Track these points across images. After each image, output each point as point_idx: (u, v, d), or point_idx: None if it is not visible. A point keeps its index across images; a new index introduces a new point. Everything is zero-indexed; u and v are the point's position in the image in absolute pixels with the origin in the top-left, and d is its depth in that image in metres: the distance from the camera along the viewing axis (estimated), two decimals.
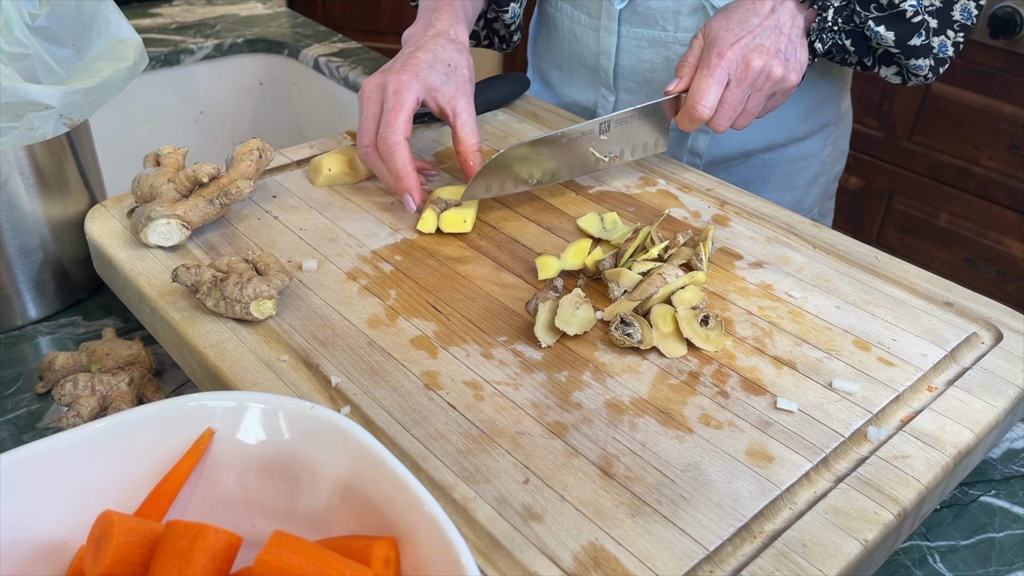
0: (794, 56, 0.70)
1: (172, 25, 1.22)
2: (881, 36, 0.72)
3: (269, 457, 0.40)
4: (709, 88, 0.68)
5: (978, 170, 1.79)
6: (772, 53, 0.68)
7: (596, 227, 0.66)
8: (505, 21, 0.90)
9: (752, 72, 0.68)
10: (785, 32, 0.70)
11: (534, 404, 0.49)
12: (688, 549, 0.41)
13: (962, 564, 0.49)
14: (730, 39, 0.68)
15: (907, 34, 0.72)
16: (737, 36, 0.68)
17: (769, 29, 0.69)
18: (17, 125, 0.54)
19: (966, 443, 0.48)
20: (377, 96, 0.68)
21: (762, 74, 0.68)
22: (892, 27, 0.72)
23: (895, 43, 0.72)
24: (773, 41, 0.69)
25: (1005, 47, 1.66)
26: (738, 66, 0.68)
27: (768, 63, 0.68)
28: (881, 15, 0.71)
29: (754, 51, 0.68)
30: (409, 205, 0.67)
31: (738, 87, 0.69)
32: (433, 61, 0.69)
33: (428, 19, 0.75)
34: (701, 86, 0.68)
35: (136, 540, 0.35)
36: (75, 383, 0.56)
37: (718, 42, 0.69)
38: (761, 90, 0.70)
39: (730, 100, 0.69)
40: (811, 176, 0.94)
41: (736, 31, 0.69)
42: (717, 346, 0.54)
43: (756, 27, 0.69)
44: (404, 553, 0.36)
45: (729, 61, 0.68)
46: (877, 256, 0.64)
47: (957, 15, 0.74)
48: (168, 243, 0.61)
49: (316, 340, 0.54)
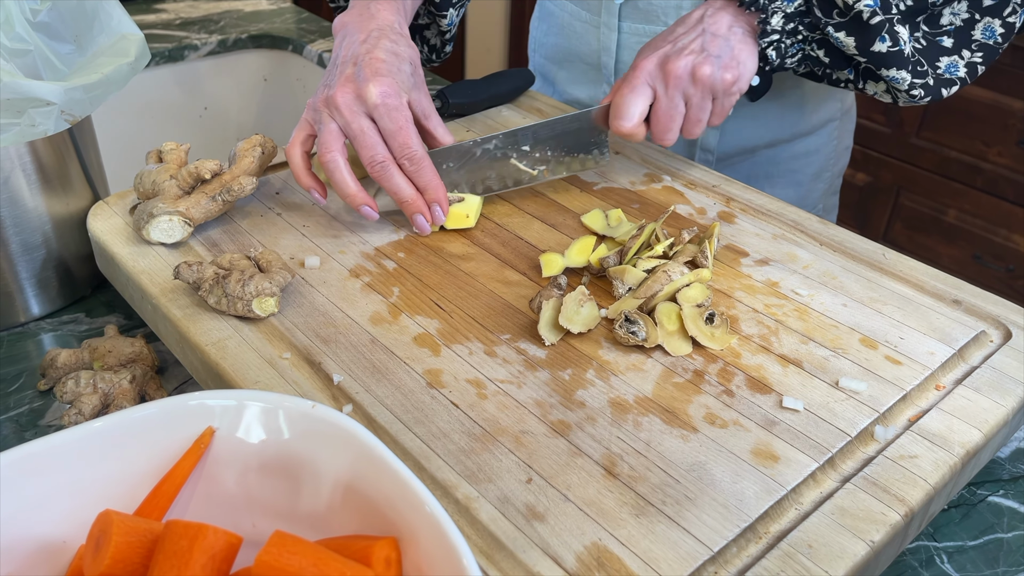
0: (728, 54, 0.66)
1: (176, 21, 1.21)
2: (842, 43, 0.67)
3: (270, 456, 0.39)
4: (627, 102, 0.65)
5: (987, 166, 1.78)
6: (695, 53, 0.65)
7: (601, 224, 0.66)
8: (441, 28, 0.85)
9: (674, 76, 0.65)
10: (720, 34, 0.66)
11: (537, 403, 0.49)
12: (692, 550, 0.41)
13: (970, 565, 0.49)
14: (648, 51, 0.67)
15: (868, 39, 0.65)
16: (656, 47, 0.66)
17: (695, 34, 0.66)
18: (18, 121, 0.54)
19: (974, 443, 0.48)
20: (360, 108, 0.61)
21: (686, 77, 0.65)
22: (852, 32, 0.66)
23: (857, 50, 0.66)
24: (699, 43, 0.65)
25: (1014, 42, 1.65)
26: (659, 74, 0.65)
27: (691, 63, 0.65)
28: (842, 20, 0.66)
29: (672, 56, 0.65)
30: (424, 227, 0.64)
31: (666, 96, 0.66)
32: (396, 62, 0.64)
33: (366, 7, 0.68)
34: (618, 99, 0.66)
35: (135, 540, 0.35)
36: (77, 380, 0.55)
37: (638, 57, 0.67)
38: (697, 94, 0.66)
39: (663, 110, 0.66)
40: (815, 172, 0.94)
41: (656, 43, 0.67)
42: (722, 344, 0.54)
43: (679, 35, 0.66)
44: (406, 553, 0.36)
45: (644, 71, 0.65)
46: (885, 253, 0.64)
47: (978, 35, 0.68)
48: (170, 240, 0.61)
49: (318, 338, 0.53)
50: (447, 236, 0.65)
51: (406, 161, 0.62)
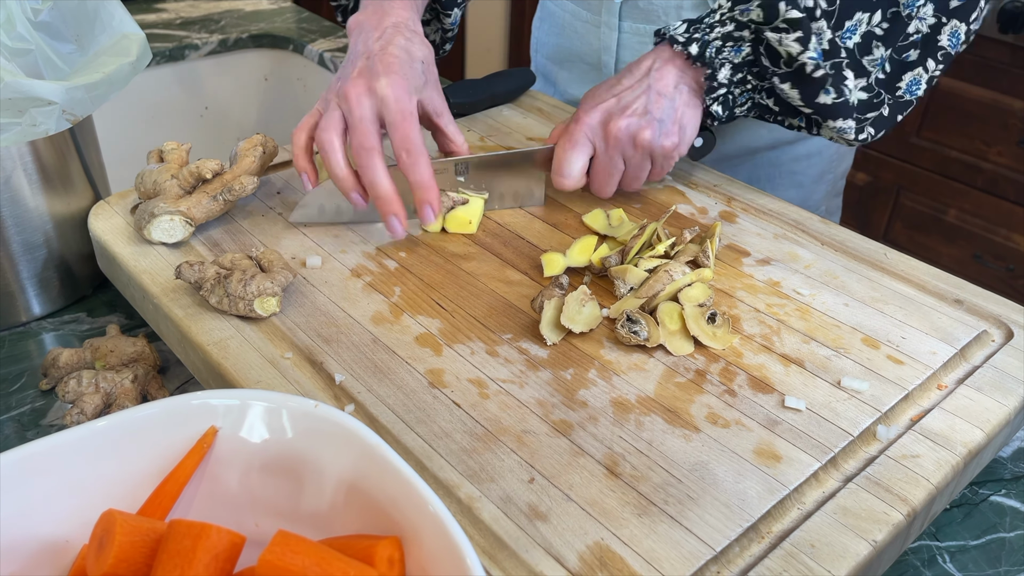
0: (671, 118, 0.64)
1: (177, 20, 1.21)
2: (787, 95, 0.65)
3: (273, 456, 0.39)
4: (567, 156, 0.64)
5: (987, 166, 1.78)
6: (639, 114, 0.63)
7: (602, 224, 0.66)
8: (444, 26, 0.85)
9: (613, 137, 0.64)
10: (665, 94, 0.64)
11: (539, 402, 0.49)
12: (695, 549, 0.41)
13: (972, 564, 0.49)
14: (590, 104, 0.65)
15: (812, 92, 0.63)
16: (599, 100, 0.65)
17: (639, 91, 0.64)
18: (20, 121, 0.54)
19: (976, 442, 0.48)
20: (368, 101, 0.60)
21: (626, 139, 0.64)
22: (796, 84, 0.64)
23: (802, 101, 0.64)
24: (643, 103, 0.64)
25: (1014, 42, 1.65)
26: (599, 131, 0.64)
27: (632, 125, 0.63)
28: (787, 71, 0.63)
29: (616, 114, 0.64)
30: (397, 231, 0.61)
31: (604, 154, 0.65)
32: (408, 59, 0.63)
33: (380, 6, 0.67)
34: (559, 154, 0.65)
35: (139, 539, 0.35)
36: (79, 380, 0.55)
37: (580, 107, 0.65)
38: (635, 156, 0.65)
39: (602, 167, 0.65)
40: (817, 174, 0.94)
41: (600, 94, 0.65)
42: (724, 344, 0.54)
43: (624, 90, 0.64)
44: (408, 553, 0.36)
45: (586, 126, 0.64)
46: (886, 253, 0.64)
47: (944, 41, 0.66)
48: (172, 240, 0.61)
49: (320, 337, 0.53)
50: (448, 236, 0.65)
51: (404, 152, 0.60)
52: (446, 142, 0.68)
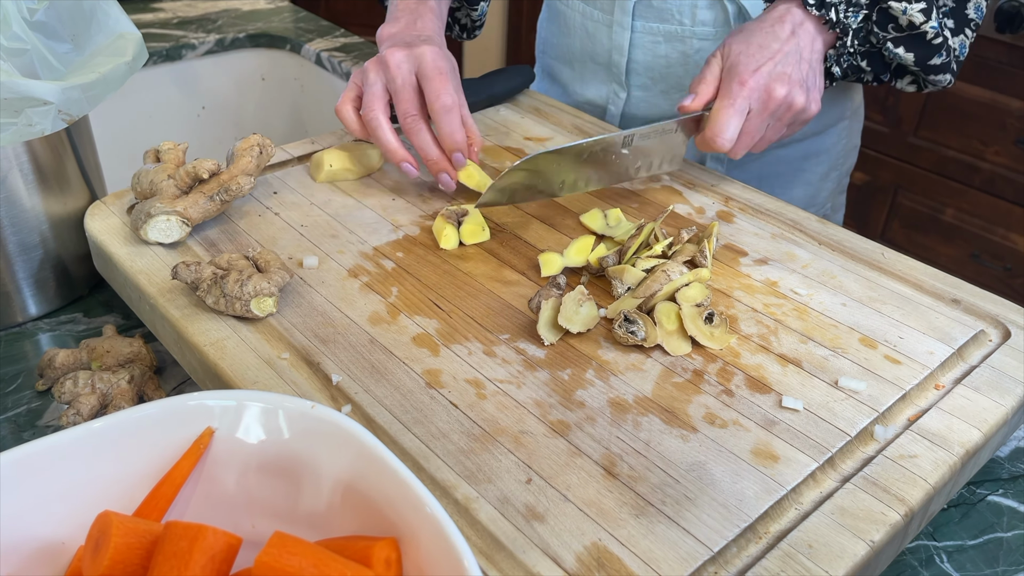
0: (815, 85, 0.68)
1: (174, 20, 1.21)
2: (901, 57, 0.71)
3: (269, 457, 0.39)
4: (729, 120, 0.66)
5: (984, 165, 1.78)
6: (795, 83, 0.66)
7: (599, 224, 0.66)
8: (472, 17, 0.90)
9: (774, 102, 0.66)
10: (806, 58, 0.68)
11: (537, 403, 0.49)
12: (692, 550, 0.41)
13: (969, 564, 0.49)
14: (752, 65, 0.66)
15: (928, 55, 0.70)
16: (759, 63, 0.66)
17: (791, 55, 0.67)
18: (15, 121, 0.54)
19: (974, 442, 0.48)
20: (408, 66, 0.65)
21: (783, 104, 0.67)
22: (912, 48, 0.70)
23: (915, 63, 0.71)
24: (795, 68, 0.67)
25: (1011, 41, 1.65)
26: (760, 96, 0.66)
27: (790, 93, 0.66)
28: (900, 35, 0.70)
29: (776, 80, 0.66)
30: (449, 184, 0.67)
31: (758, 117, 0.67)
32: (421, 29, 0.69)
33: (411, 20, 0.72)
34: (721, 117, 0.66)
35: (135, 541, 0.35)
36: (75, 381, 0.55)
37: (739, 69, 0.66)
38: (781, 120, 0.68)
39: (749, 130, 0.67)
40: (824, 171, 0.94)
41: (757, 57, 0.66)
42: (722, 344, 0.54)
43: (777, 52, 0.67)
44: (406, 554, 0.36)
45: (751, 90, 0.66)
46: (884, 253, 0.64)
47: (971, 13, 0.72)
48: (168, 240, 0.60)
49: (317, 338, 0.53)
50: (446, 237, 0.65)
51: (437, 103, 0.65)
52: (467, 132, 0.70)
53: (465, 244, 0.63)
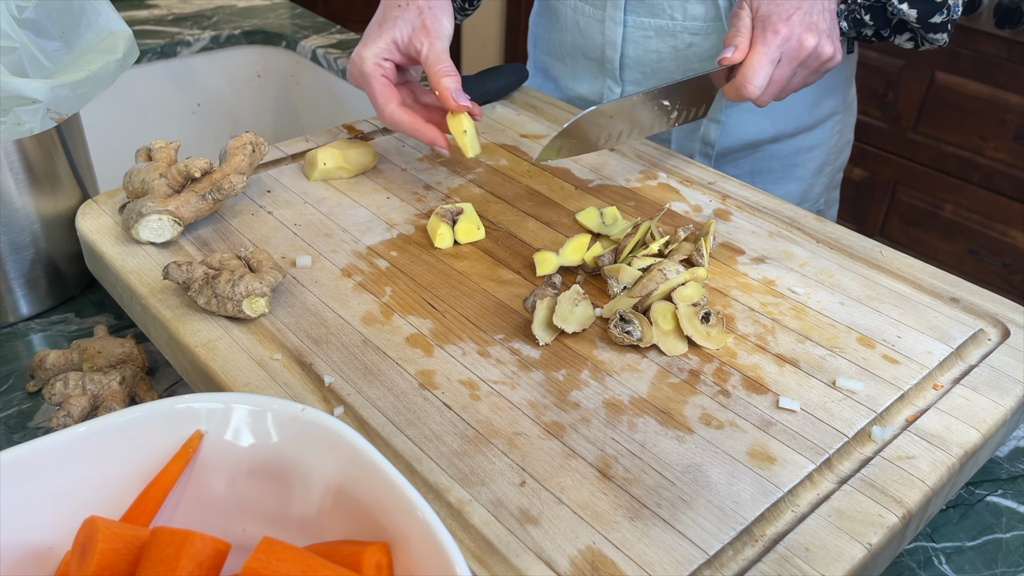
0: (836, 35, 0.69)
1: (168, 16, 1.20)
2: (904, 13, 0.72)
3: (259, 460, 0.39)
4: (762, 66, 0.66)
5: (983, 161, 1.77)
6: (823, 32, 0.67)
7: (595, 222, 0.65)
8: None
9: (805, 51, 0.67)
10: (828, 8, 0.69)
11: (531, 404, 0.48)
12: (688, 553, 0.40)
13: (968, 565, 0.48)
14: (783, 14, 0.67)
15: (930, 12, 0.72)
16: (789, 12, 0.67)
17: (816, 3, 0.68)
18: (4, 120, 0.53)
19: (972, 443, 0.47)
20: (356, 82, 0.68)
21: (813, 53, 0.67)
22: (915, 5, 0.71)
23: (917, 20, 0.72)
24: (820, 17, 0.67)
25: (1010, 37, 1.64)
26: (793, 45, 0.67)
27: (820, 42, 0.67)
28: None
29: (808, 29, 0.67)
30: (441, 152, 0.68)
31: (788, 66, 0.68)
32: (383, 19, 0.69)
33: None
34: (754, 63, 0.67)
35: (121, 547, 0.34)
36: (66, 382, 0.55)
37: (772, 18, 0.67)
38: (808, 68, 0.69)
39: (778, 78, 0.68)
40: (818, 166, 0.94)
41: (786, 5, 0.67)
42: (718, 344, 0.53)
43: (804, 1, 0.67)
44: (397, 559, 0.35)
45: (784, 38, 0.66)
46: (882, 251, 0.63)
47: None
48: (160, 239, 0.60)
49: (310, 338, 0.53)
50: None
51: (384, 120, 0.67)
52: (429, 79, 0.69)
53: (460, 243, 0.63)
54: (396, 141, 0.78)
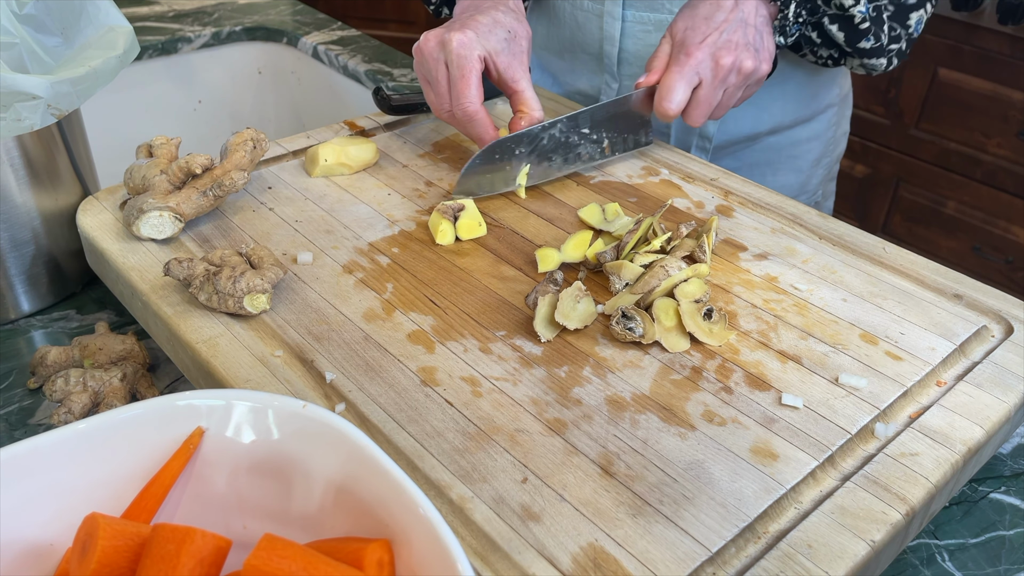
0: (763, 46, 0.70)
1: (169, 13, 1.20)
2: (833, 35, 0.74)
3: (260, 457, 0.39)
4: (676, 85, 0.68)
5: (986, 157, 1.77)
6: (742, 47, 0.68)
7: (597, 218, 0.65)
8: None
9: (723, 70, 0.68)
10: (751, 23, 0.70)
11: (533, 400, 0.48)
12: (690, 550, 0.40)
13: (971, 563, 0.48)
14: (697, 38, 0.68)
15: (855, 38, 0.74)
16: (704, 34, 0.68)
17: (735, 23, 0.69)
18: (4, 116, 0.53)
19: (976, 440, 0.47)
20: (439, 55, 0.66)
21: (733, 70, 0.69)
22: (842, 28, 0.74)
23: (845, 43, 0.74)
24: (741, 35, 0.69)
25: (1013, 33, 1.64)
26: (709, 65, 0.68)
27: (738, 58, 0.68)
28: (837, 14, 0.73)
29: (722, 48, 0.68)
30: None
31: (710, 85, 0.69)
32: (493, 25, 0.68)
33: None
34: (669, 83, 0.68)
35: (122, 544, 0.34)
36: (67, 379, 0.55)
37: (686, 43, 0.69)
38: (734, 84, 0.70)
39: (704, 98, 0.69)
40: (815, 158, 0.94)
41: (703, 29, 0.69)
42: (721, 340, 0.53)
43: (722, 23, 0.69)
44: (398, 556, 0.35)
45: (698, 60, 0.68)
46: (885, 247, 0.63)
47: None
48: (161, 236, 0.60)
49: (311, 335, 0.52)
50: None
51: (459, 111, 0.66)
52: (518, 106, 0.70)
53: (461, 239, 0.63)
54: (397, 138, 0.77)
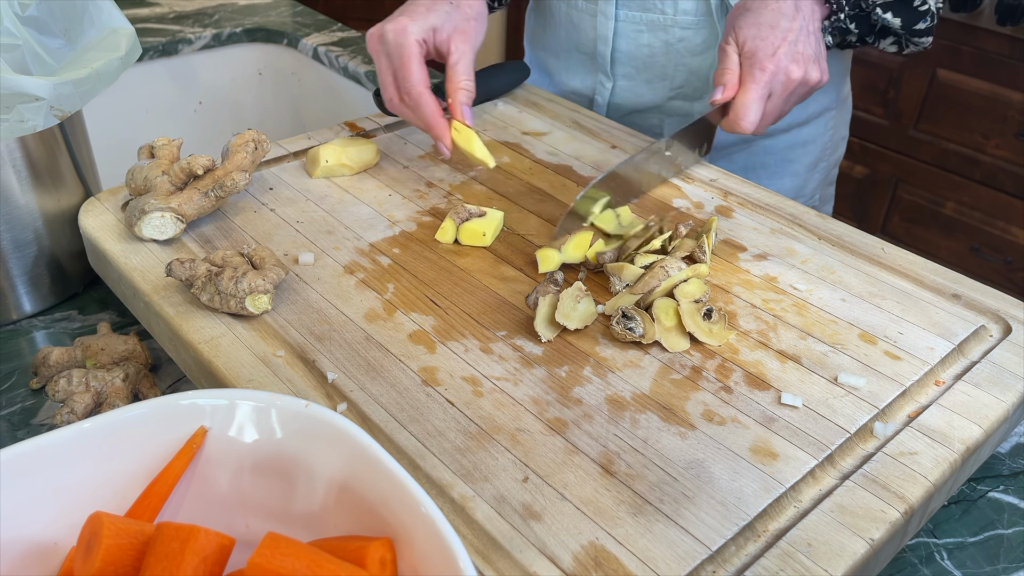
0: (822, 55, 0.70)
1: (170, 15, 1.20)
2: (888, 22, 0.73)
3: (263, 456, 0.39)
4: (753, 103, 0.66)
5: (985, 158, 1.77)
6: (809, 59, 0.68)
7: (612, 224, 0.65)
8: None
9: (792, 83, 0.68)
10: (812, 31, 0.69)
11: (534, 400, 0.48)
12: (691, 549, 0.40)
13: (970, 561, 0.48)
14: (768, 49, 0.67)
15: (914, 20, 0.73)
16: (774, 45, 0.67)
17: (800, 32, 0.68)
18: (7, 117, 0.53)
19: (974, 439, 0.47)
20: (381, 48, 0.68)
21: (801, 83, 0.68)
22: (899, 14, 0.73)
23: (902, 27, 0.73)
24: (805, 44, 0.68)
25: (1012, 34, 1.64)
26: (781, 79, 0.67)
27: (807, 71, 0.68)
28: (889, 1, 0.72)
29: (793, 61, 0.67)
30: (443, 152, 0.68)
31: (779, 97, 0.68)
32: (431, 4, 0.68)
33: None
34: (745, 101, 0.67)
35: (126, 542, 0.35)
36: (69, 379, 0.55)
37: (758, 55, 0.67)
38: (798, 95, 0.70)
39: (770, 110, 0.69)
40: (812, 162, 0.94)
41: (772, 39, 0.67)
42: (720, 340, 0.53)
43: (788, 31, 0.67)
44: (400, 554, 0.35)
45: (772, 74, 0.67)
46: (884, 247, 0.63)
47: None
48: (163, 236, 0.60)
49: (312, 335, 0.53)
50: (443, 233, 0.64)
51: (406, 96, 0.67)
52: (446, 82, 0.69)
53: (461, 243, 0.63)
54: (398, 139, 0.78)
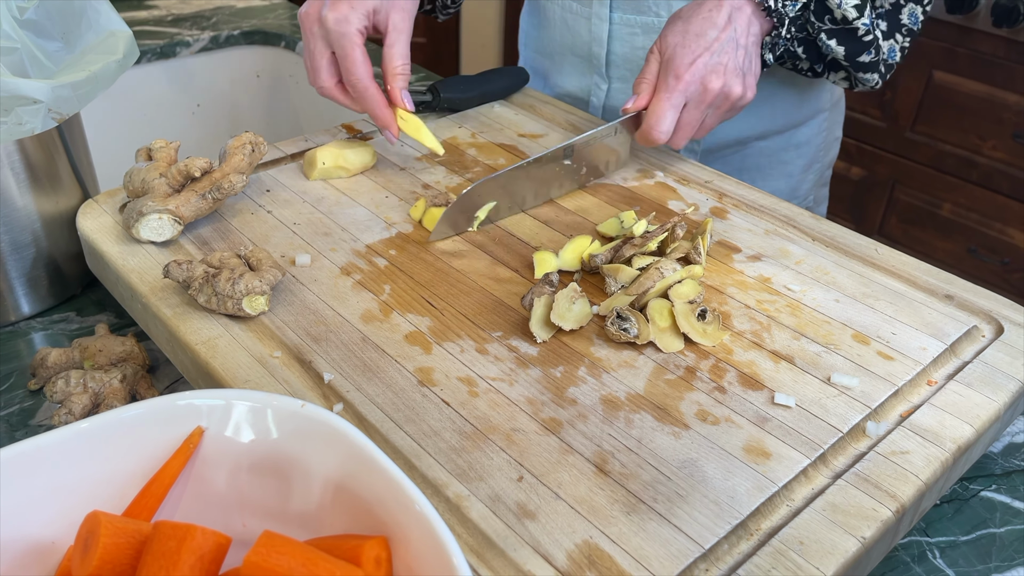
0: (751, 71, 0.68)
1: (168, 17, 1.21)
2: (832, 50, 0.71)
3: (259, 456, 0.39)
4: (665, 113, 0.66)
5: (981, 160, 1.78)
6: (731, 72, 0.66)
7: (616, 229, 0.65)
8: None
9: (710, 94, 0.66)
10: (742, 44, 0.67)
11: (529, 400, 0.49)
12: (684, 547, 0.41)
13: (962, 560, 0.49)
14: (687, 58, 0.66)
15: (857, 51, 0.71)
16: (695, 54, 0.66)
17: (727, 43, 0.66)
18: (5, 120, 0.54)
19: (966, 438, 0.48)
20: (319, 32, 0.67)
21: (720, 95, 0.67)
22: (843, 42, 0.71)
23: (845, 57, 0.72)
24: (731, 57, 0.66)
25: (1008, 36, 1.65)
26: (696, 89, 0.66)
27: (727, 83, 0.66)
28: (834, 28, 0.70)
29: (712, 72, 0.66)
30: (390, 139, 0.70)
31: (696, 109, 0.67)
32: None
33: None
34: (657, 110, 0.66)
35: (123, 541, 0.35)
36: (67, 380, 0.55)
37: (675, 62, 0.66)
38: (719, 108, 0.68)
39: (687, 122, 0.67)
40: (806, 163, 0.94)
41: (693, 48, 0.66)
42: (714, 340, 0.54)
43: (713, 41, 0.66)
44: (396, 553, 0.36)
45: (687, 84, 0.66)
46: (877, 248, 0.64)
47: (905, 19, 0.73)
48: (160, 238, 0.60)
49: (309, 336, 0.53)
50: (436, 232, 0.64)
51: (351, 88, 0.68)
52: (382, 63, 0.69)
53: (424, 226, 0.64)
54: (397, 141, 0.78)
